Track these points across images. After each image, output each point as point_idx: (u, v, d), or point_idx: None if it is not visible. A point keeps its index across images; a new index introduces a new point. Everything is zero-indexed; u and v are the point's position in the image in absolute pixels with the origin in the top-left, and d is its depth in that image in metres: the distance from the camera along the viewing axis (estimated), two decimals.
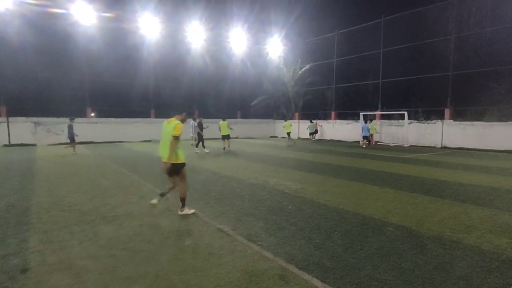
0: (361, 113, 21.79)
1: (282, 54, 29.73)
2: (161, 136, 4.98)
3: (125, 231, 4.34)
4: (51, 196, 6.27)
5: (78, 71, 20.65)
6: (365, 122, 19.89)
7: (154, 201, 5.04)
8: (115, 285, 2.95)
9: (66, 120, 18.65)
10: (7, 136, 17.63)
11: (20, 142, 17.86)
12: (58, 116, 19.18)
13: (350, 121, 23.69)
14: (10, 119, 17.79)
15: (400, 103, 20.78)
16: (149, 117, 23.15)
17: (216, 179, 8.19)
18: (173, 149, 4.75)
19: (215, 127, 16.71)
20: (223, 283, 3.00)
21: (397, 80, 21.23)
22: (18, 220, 4.77)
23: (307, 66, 27.87)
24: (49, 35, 18.81)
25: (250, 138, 26.71)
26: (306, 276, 3.12)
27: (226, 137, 15.25)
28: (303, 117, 28.28)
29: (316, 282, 3.01)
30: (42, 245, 3.85)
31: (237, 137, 25.46)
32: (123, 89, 22.52)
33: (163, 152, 4.88)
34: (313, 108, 28.30)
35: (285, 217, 5.04)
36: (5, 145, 17.37)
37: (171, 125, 4.81)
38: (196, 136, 14.59)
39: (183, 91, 24.70)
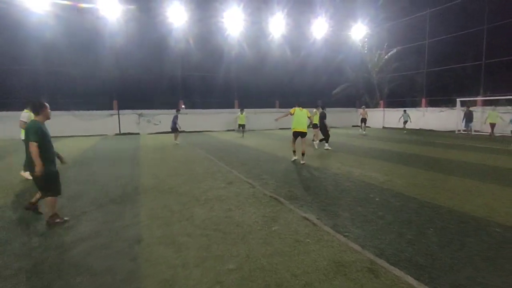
0: (458, 99, 19.17)
1: (365, 39, 27.85)
2: (298, 116, 8.86)
3: (216, 213, 4.74)
4: (154, 179, 7.18)
5: (173, 68, 22.85)
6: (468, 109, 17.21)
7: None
8: (211, 261, 3.27)
9: (162, 111, 20.92)
10: (118, 126, 20.71)
11: (127, 132, 20.80)
12: (155, 108, 21.70)
13: (443, 109, 21.06)
14: (120, 111, 20.82)
15: (509, 86, 17.48)
16: (233, 107, 24.39)
17: (298, 169, 8.26)
18: (306, 123, 8.96)
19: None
20: (310, 270, 3.06)
21: (506, 60, 17.94)
22: (130, 198, 5.63)
23: (394, 50, 25.64)
24: (150, 39, 21.25)
25: (331, 127, 25.94)
26: (398, 272, 2.98)
27: (315, 126, 14.77)
28: (389, 105, 26.21)
29: (410, 279, 2.85)
30: (150, 220, 4.48)
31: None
32: (208, 82, 24.13)
33: (301, 124, 8.87)
34: (400, 95, 25.96)
35: (371, 209, 4.84)
36: (116, 134, 20.44)
37: (304, 111, 8.95)
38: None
39: (265, 82, 25.24)
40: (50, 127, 4.60)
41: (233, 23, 23.00)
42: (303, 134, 8.92)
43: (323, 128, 12.29)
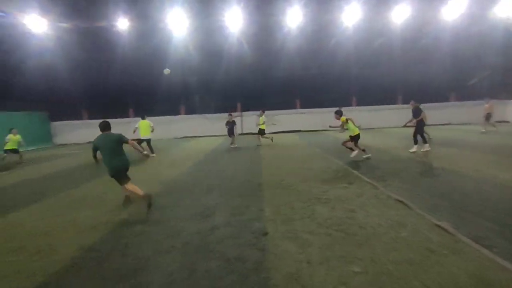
0: None
1: None
2: None
3: (337, 213, 4.62)
4: (274, 176, 7.53)
5: (287, 68, 23.50)
6: None
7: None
8: (334, 261, 3.20)
9: (280, 112, 21.71)
10: (240, 126, 22.73)
11: (249, 132, 22.56)
12: (272, 109, 22.81)
13: None
14: (243, 113, 22.84)
15: None
16: (351, 105, 23.44)
17: (425, 170, 7.27)
18: None
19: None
20: (447, 284, 2.68)
21: None
22: (255, 193, 6.05)
23: None
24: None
25: (464, 124, 21.80)
26: None
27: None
28: None
29: None
30: (273, 215, 4.70)
31: (448, 123, 21.61)
32: (322, 80, 23.77)
33: None
34: None
35: None
36: (240, 134, 22.44)
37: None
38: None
39: (383, 75, 23.26)
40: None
41: (350, 19, 21.96)
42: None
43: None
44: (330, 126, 10.69)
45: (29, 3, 20.01)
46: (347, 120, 9.28)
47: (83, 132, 22.72)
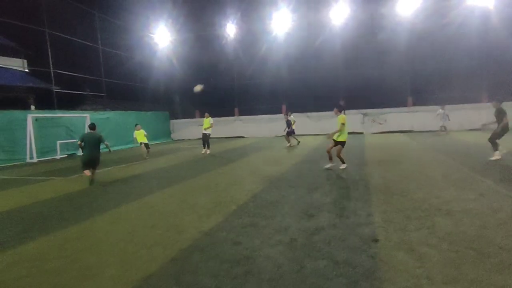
0: None
1: None
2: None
3: (465, 228, 3.98)
4: (383, 179, 6.99)
5: (400, 64, 21.49)
6: None
7: None
8: (464, 283, 2.77)
9: (385, 110, 20.19)
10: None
11: (351, 131, 21.54)
12: (381, 107, 21.15)
13: None
14: (346, 111, 21.92)
15: None
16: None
17: None
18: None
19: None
20: None
21: None
22: (362, 197, 5.74)
23: None
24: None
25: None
26: None
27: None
28: None
29: None
30: (384, 222, 4.37)
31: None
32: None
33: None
34: None
35: None
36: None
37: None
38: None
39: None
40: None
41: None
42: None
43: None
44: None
45: (157, 18, 23.74)
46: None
47: (195, 129, 25.52)
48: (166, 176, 9.14)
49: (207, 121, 14.61)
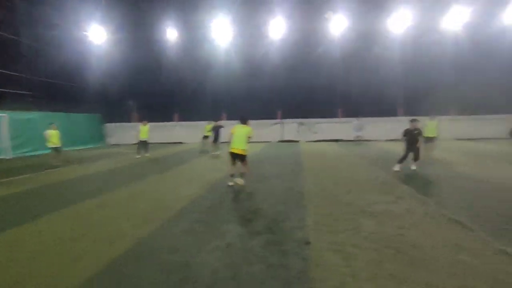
0: None
1: None
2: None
3: (385, 229, 4.40)
4: (316, 185, 7.38)
5: (332, 79, 23.04)
6: None
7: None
8: (383, 280, 3.04)
9: (318, 120, 21.38)
10: (281, 133, 22.67)
11: (288, 139, 22.42)
12: (315, 117, 22.44)
13: None
14: (284, 120, 22.78)
15: None
16: (396, 115, 22.39)
17: (484, 189, 6.64)
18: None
19: None
20: None
21: None
22: (296, 202, 5.97)
23: None
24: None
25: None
26: None
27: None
28: None
29: None
30: (316, 225, 4.60)
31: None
32: (373, 90, 22.92)
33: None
34: None
35: None
36: (279, 141, 22.39)
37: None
38: None
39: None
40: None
41: (399, 28, 21.07)
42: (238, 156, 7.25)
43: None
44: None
45: (91, 15, 22.10)
46: None
47: (132, 134, 23.99)
48: (96, 183, 8.42)
49: (145, 129, 14.13)
